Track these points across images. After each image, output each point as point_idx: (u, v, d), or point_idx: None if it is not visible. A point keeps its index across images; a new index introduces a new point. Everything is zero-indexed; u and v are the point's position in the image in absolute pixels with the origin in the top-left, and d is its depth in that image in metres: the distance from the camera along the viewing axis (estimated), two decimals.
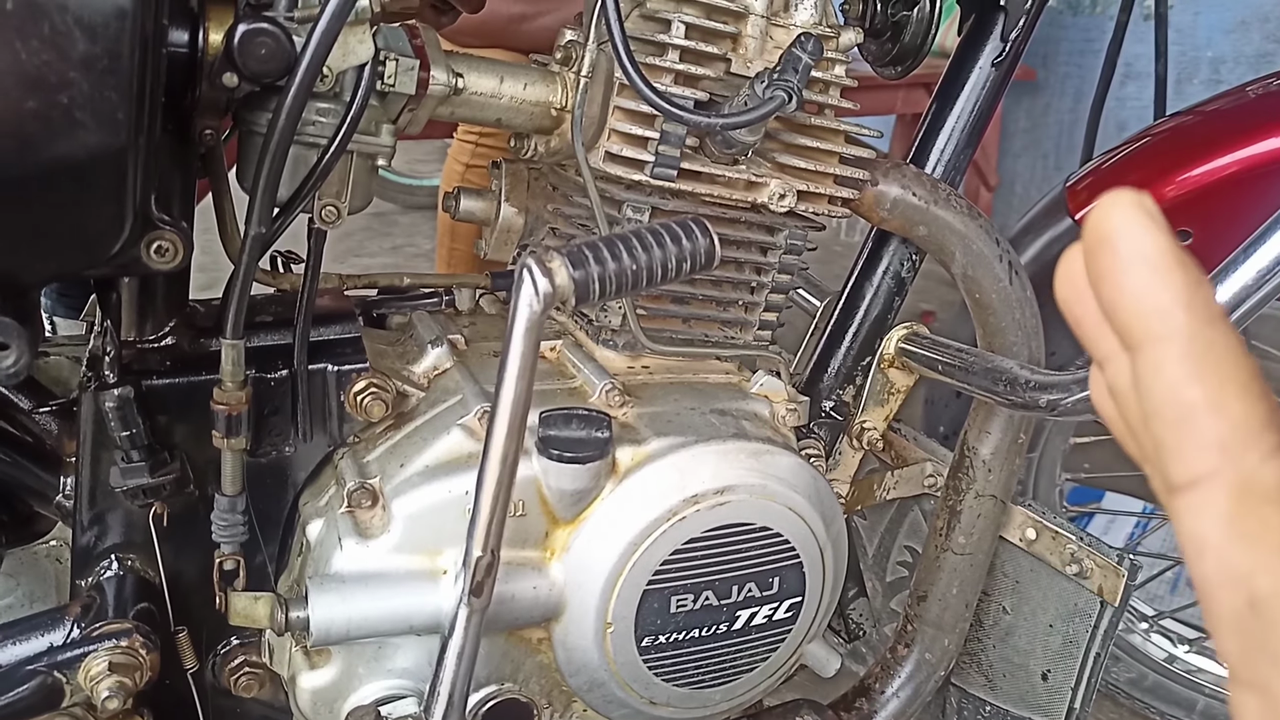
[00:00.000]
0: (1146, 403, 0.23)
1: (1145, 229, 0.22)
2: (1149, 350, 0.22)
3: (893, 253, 0.84)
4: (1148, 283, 0.22)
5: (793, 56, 0.63)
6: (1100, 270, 0.23)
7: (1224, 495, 0.21)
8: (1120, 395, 0.25)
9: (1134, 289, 0.22)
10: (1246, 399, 0.22)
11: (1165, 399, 0.22)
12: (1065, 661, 0.80)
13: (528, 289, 0.52)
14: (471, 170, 1.66)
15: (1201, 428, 0.22)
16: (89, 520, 0.63)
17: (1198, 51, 2.67)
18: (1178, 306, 0.22)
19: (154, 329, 0.64)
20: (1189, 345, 0.22)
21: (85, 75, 0.46)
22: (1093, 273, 0.23)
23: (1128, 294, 0.22)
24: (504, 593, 0.61)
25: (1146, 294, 0.22)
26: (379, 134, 0.61)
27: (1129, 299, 0.22)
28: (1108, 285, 0.23)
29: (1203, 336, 0.22)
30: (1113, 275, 0.23)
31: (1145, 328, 0.22)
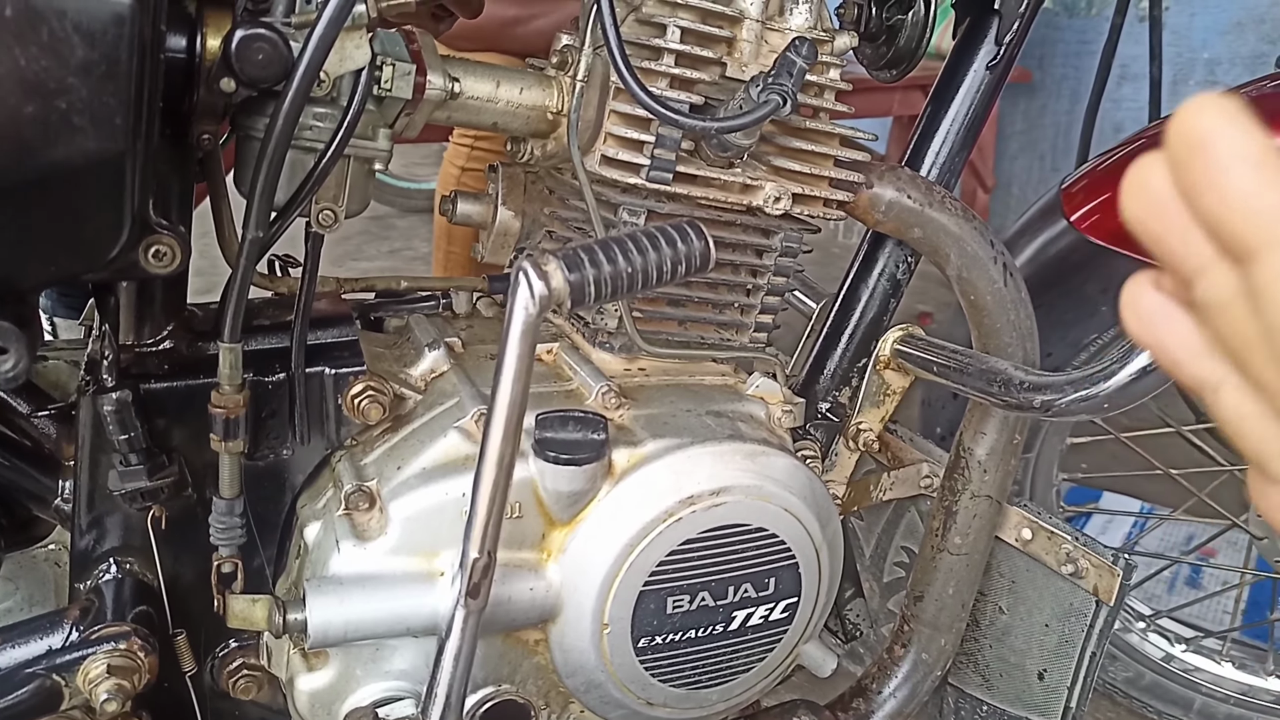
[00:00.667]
0: (1271, 314, 0.20)
1: (1243, 129, 0.21)
2: (1267, 257, 0.20)
3: (888, 255, 0.85)
4: (1258, 184, 0.20)
5: (787, 60, 0.63)
6: (1197, 178, 0.21)
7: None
8: (1218, 309, 0.22)
9: (1243, 192, 0.20)
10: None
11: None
12: (1061, 661, 0.80)
13: (523, 292, 0.53)
14: (467, 174, 1.66)
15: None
16: (87, 524, 0.63)
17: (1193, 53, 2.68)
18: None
19: (152, 333, 0.64)
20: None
21: (83, 81, 0.46)
22: (1187, 182, 0.21)
23: (1237, 198, 0.20)
24: (501, 594, 0.61)
25: (1258, 195, 0.20)
26: (376, 138, 0.62)
27: (1239, 203, 0.20)
28: (1210, 193, 0.21)
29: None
30: (1215, 181, 0.21)
31: (1261, 233, 0.20)
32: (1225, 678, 1.26)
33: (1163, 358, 0.24)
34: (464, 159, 1.67)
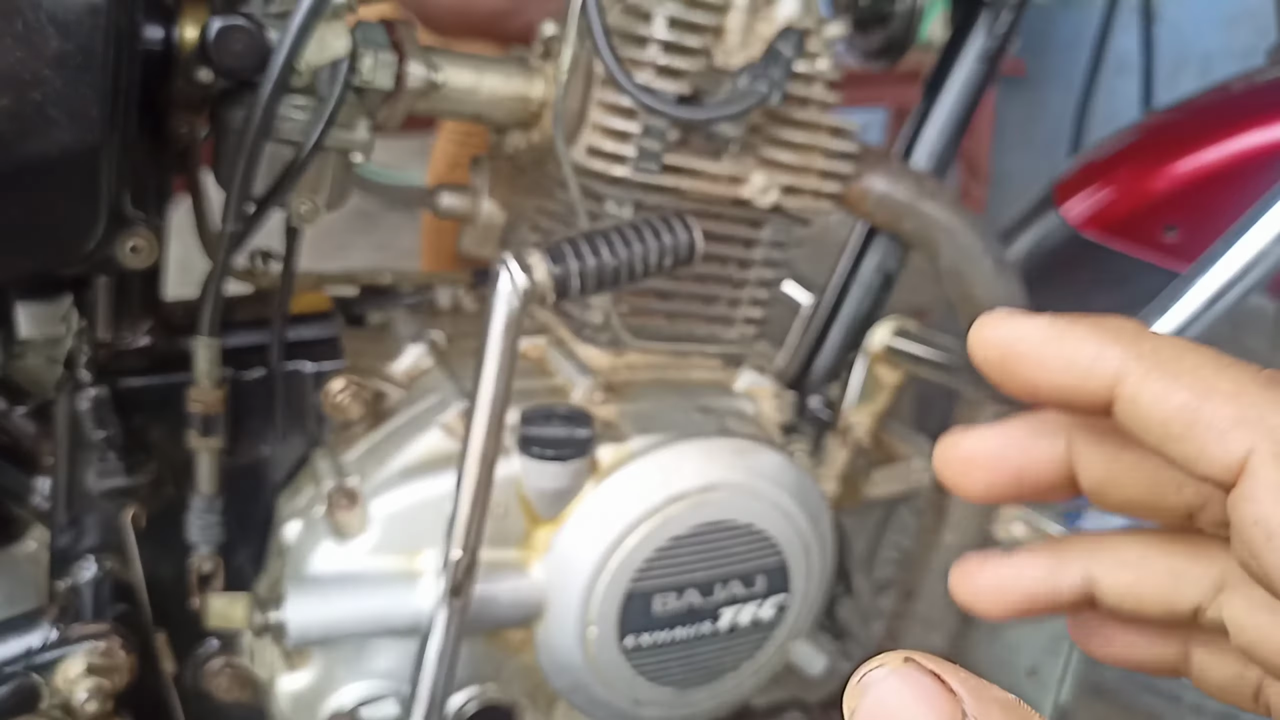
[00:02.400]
0: (1148, 433, 0.22)
1: (1021, 322, 0.23)
2: (1117, 393, 0.22)
3: (879, 248, 0.84)
4: (1067, 348, 0.22)
5: (775, 50, 0.62)
6: (1023, 377, 0.23)
7: (1271, 466, 0.20)
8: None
9: (1063, 362, 0.22)
10: (1228, 372, 0.21)
11: (1162, 416, 0.21)
12: (1052, 657, 0.79)
13: (506, 285, 0.52)
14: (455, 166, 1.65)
15: (1210, 416, 0.20)
16: (66, 522, 0.62)
17: (1187, 46, 2.67)
18: (1106, 345, 0.22)
19: (129, 329, 0.63)
20: (1144, 363, 0.21)
21: (58, 72, 0.45)
22: (1023, 384, 0.23)
23: (1060, 370, 0.22)
24: (484, 593, 0.60)
25: (1075, 357, 0.22)
26: (356, 130, 0.60)
27: (1065, 372, 0.22)
28: (1041, 380, 0.22)
29: (1147, 350, 0.22)
30: (1036, 369, 0.22)
31: (1099, 379, 0.22)
32: None
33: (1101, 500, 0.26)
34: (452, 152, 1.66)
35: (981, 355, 0.23)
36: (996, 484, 0.26)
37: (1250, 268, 0.59)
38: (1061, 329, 0.22)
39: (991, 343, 0.23)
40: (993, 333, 0.23)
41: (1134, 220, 0.95)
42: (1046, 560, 0.26)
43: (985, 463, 0.26)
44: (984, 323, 0.23)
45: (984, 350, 0.23)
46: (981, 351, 0.23)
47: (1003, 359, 0.23)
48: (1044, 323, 0.23)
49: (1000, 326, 0.23)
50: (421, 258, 1.74)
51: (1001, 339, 0.23)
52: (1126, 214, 0.97)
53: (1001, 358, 0.23)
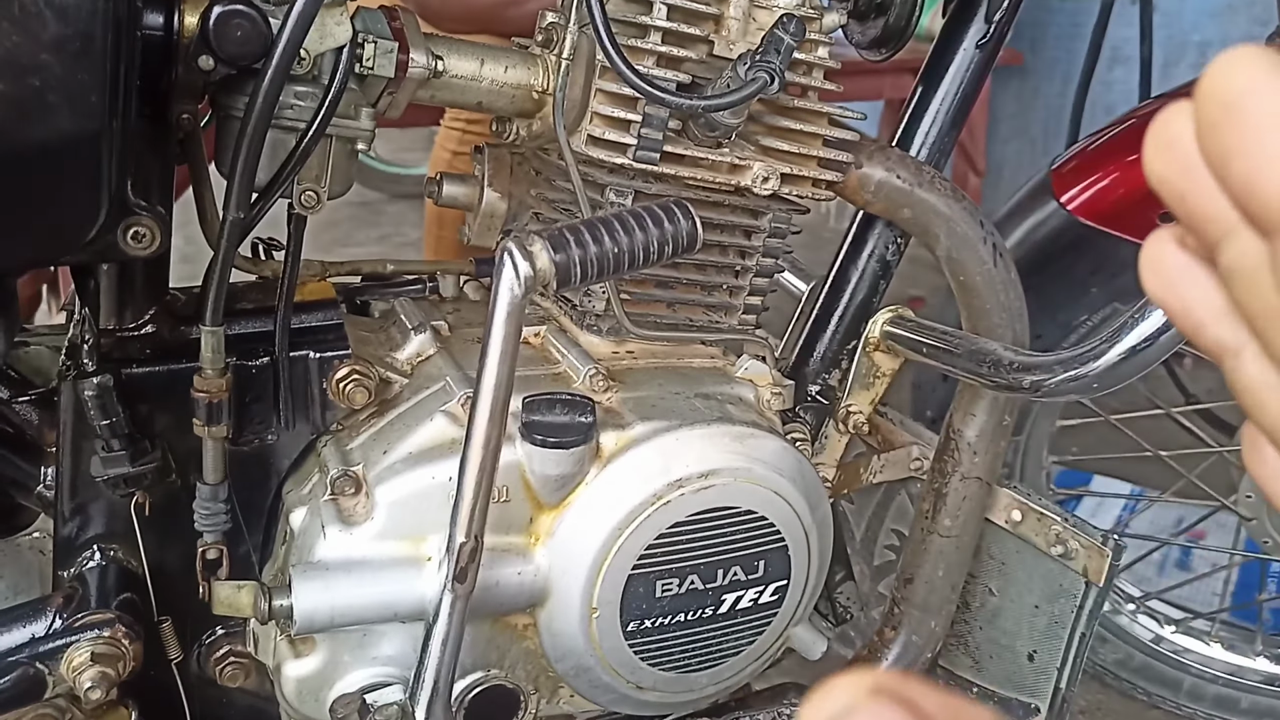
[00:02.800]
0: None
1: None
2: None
3: (878, 236, 0.84)
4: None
5: (775, 38, 0.63)
6: (1227, 142, 0.19)
7: None
8: (1245, 277, 0.20)
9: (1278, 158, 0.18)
10: None
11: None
12: (1051, 642, 0.80)
13: (509, 273, 0.52)
14: (458, 157, 1.65)
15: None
16: (70, 511, 0.62)
17: (1184, 35, 2.67)
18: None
19: (134, 317, 0.63)
20: None
21: (57, 58, 0.45)
22: (1215, 146, 0.19)
23: (1272, 168, 0.18)
24: (488, 579, 0.60)
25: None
26: (358, 117, 0.61)
27: (1274, 173, 0.18)
28: (1241, 158, 0.19)
29: None
30: (1248, 146, 0.19)
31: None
32: (1214, 658, 1.27)
33: (1183, 320, 0.22)
34: (455, 142, 1.66)
35: (1212, 87, 0.19)
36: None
37: None
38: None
39: (1234, 85, 0.19)
40: (1242, 76, 0.19)
41: (1132, 206, 0.96)
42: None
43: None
44: (1241, 57, 0.19)
45: (1219, 84, 0.19)
46: (1215, 83, 0.19)
47: (1228, 108, 0.19)
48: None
49: (1258, 78, 0.19)
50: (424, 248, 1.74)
51: (1246, 89, 0.19)
52: (1124, 200, 0.97)
53: (1228, 106, 0.19)
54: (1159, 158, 0.21)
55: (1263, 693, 1.24)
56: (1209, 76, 0.19)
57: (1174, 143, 0.21)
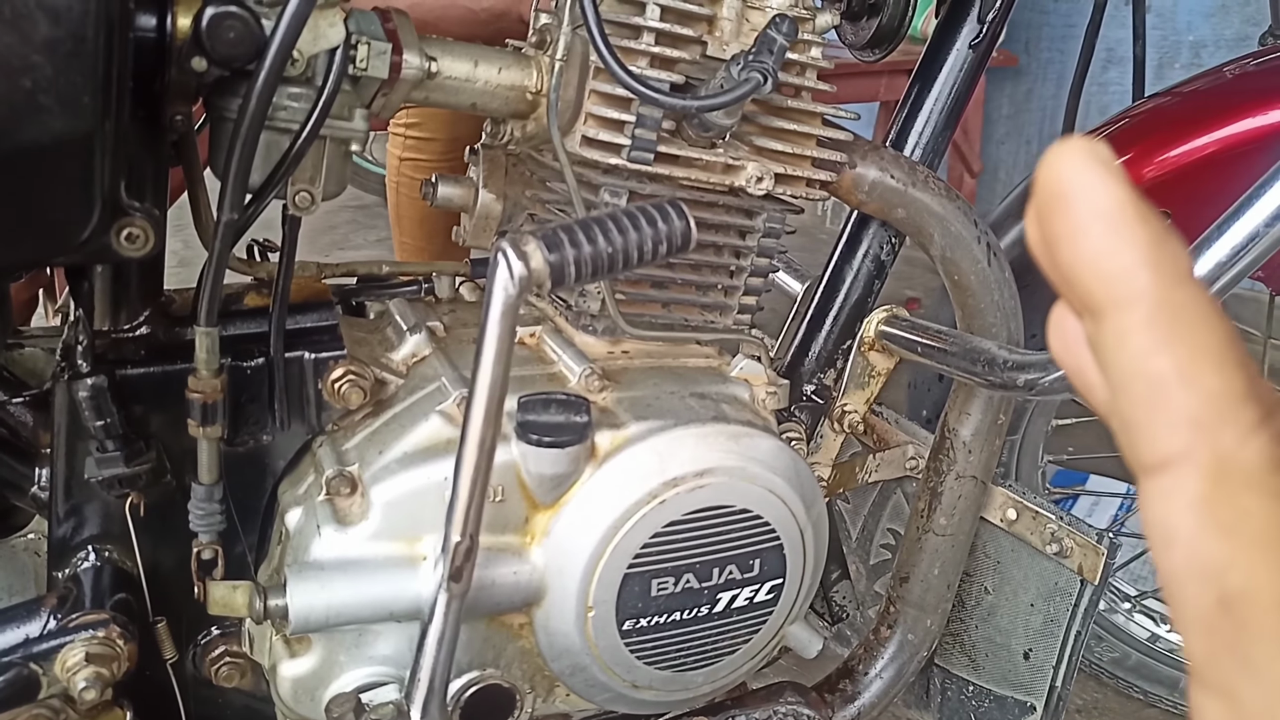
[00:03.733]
0: (1112, 376, 0.20)
1: (1100, 180, 0.20)
2: (1111, 318, 0.20)
3: (872, 236, 0.84)
4: (1106, 242, 0.20)
5: (768, 38, 0.63)
6: (1053, 231, 0.20)
7: (1196, 479, 0.19)
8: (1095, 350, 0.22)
9: (1091, 250, 0.20)
10: (1223, 369, 0.19)
11: (1131, 371, 0.20)
12: (1047, 640, 0.80)
13: (503, 273, 0.52)
14: (405, 163, 1.66)
15: (1171, 402, 0.19)
16: (65, 512, 0.62)
17: (1178, 35, 2.68)
18: (1141, 267, 0.19)
19: (128, 318, 0.63)
20: (1155, 310, 0.19)
21: (48, 59, 0.45)
22: (1046, 233, 0.21)
23: (1086, 256, 0.20)
24: (484, 578, 0.60)
25: (1105, 255, 0.20)
26: (352, 119, 0.61)
27: (1088, 262, 0.20)
28: (1063, 247, 0.20)
29: (1171, 299, 0.19)
30: (1068, 236, 0.20)
31: (1107, 293, 0.20)
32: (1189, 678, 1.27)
33: (1076, 380, 0.23)
34: (400, 148, 1.67)
35: (1043, 177, 0.20)
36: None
37: (1242, 253, 0.59)
38: (1128, 217, 0.20)
39: (1060, 176, 0.20)
40: (1067, 168, 0.20)
41: None
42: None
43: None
44: (1068, 150, 0.20)
45: (1048, 175, 0.20)
46: (1045, 174, 0.20)
47: (1055, 198, 0.20)
48: (1119, 195, 0.20)
49: (1079, 170, 0.20)
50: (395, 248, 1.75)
51: (1069, 181, 0.20)
52: None
53: (1055, 197, 0.20)
54: (1032, 231, 0.22)
55: None
56: (1042, 166, 0.20)
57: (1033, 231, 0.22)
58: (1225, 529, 0.19)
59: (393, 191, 1.71)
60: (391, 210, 1.74)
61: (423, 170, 1.65)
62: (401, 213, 1.70)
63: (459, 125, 1.60)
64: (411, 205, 1.65)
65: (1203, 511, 0.19)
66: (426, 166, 1.64)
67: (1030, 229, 0.22)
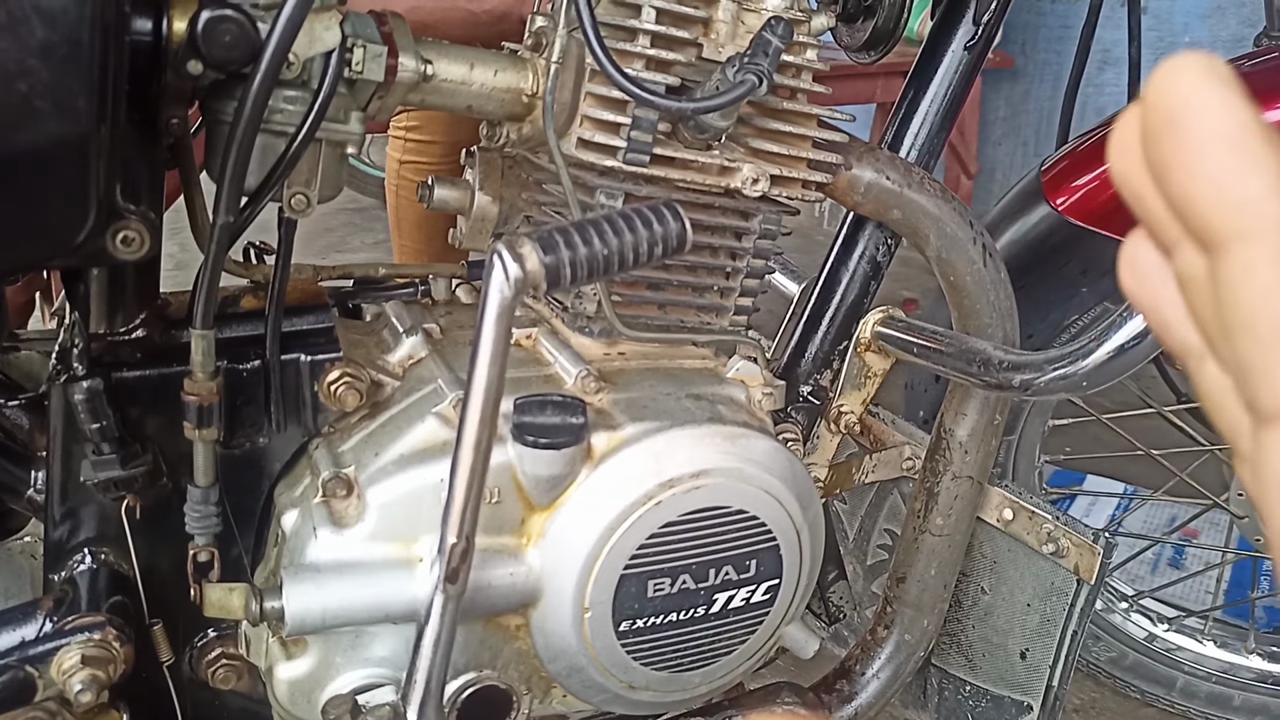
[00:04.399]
0: (1231, 313, 0.18)
1: (1223, 100, 0.18)
2: (1236, 251, 0.18)
3: (868, 237, 0.85)
4: (1232, 168, 0.18)
5: (763, 40, 0.63)
6: (1167, 155, 0.19)
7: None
8: (1192, 285, 0.20)
9: (1214, 176, 0.18)
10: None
11: (1257, 309, 0.18)
12: (1043, 640, 0.80)
13: (498, 275, 0.52)
14: (406, 166, 1.66)
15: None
16: (61, 514, 0.62)
17: (1175, 37, 2.69)
18: (1271, 195, 0.18)
19: (124, 321, 0.63)
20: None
21: (44, 62, 0.45)
22: (1156, 158, 0.19)
23: (1207, 183, 0.18)
24: (480, 579, 0.60)
25: (1231, 182, 0.18)
26: (348, 121, 0.61)
27: (1209, 189, 0.18)
28: (1179, 173, 0.19)
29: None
30: (1185, 160, 0.18)
31: (1231, 223, 0.18)
32: (1207, 656, 1.27)
33: (1153, 319, 0.22)
34: (400, 150, 1.67)
35: (1156, 96, 0.19)
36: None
37: None
38: (1255, 140, 0.18)
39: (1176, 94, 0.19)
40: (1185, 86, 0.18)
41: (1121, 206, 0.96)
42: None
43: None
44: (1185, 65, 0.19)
45: (1162, 92, 0.19)
46: (1159, 91, 0.19)
47: (1170, 118, 0.19)
48: (1244, 116, 0.18)
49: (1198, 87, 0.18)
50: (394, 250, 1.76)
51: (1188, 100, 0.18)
52: (1114, 200, 0.97)
53: (1171, 116, 0.19)
54: (1119, 159, 0.21)
55: (1255, 690, 1.24)
56: (1153, 86, 0.19)
57: (1132, 146, 0.20)
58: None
59: (392, 194, 1.71)
60: (391, 213, 1.74)
61: (422, 173, 1.65)
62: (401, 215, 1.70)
63: (460, 128, 1.60)
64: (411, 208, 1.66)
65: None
66: (426, 169, 1.65)
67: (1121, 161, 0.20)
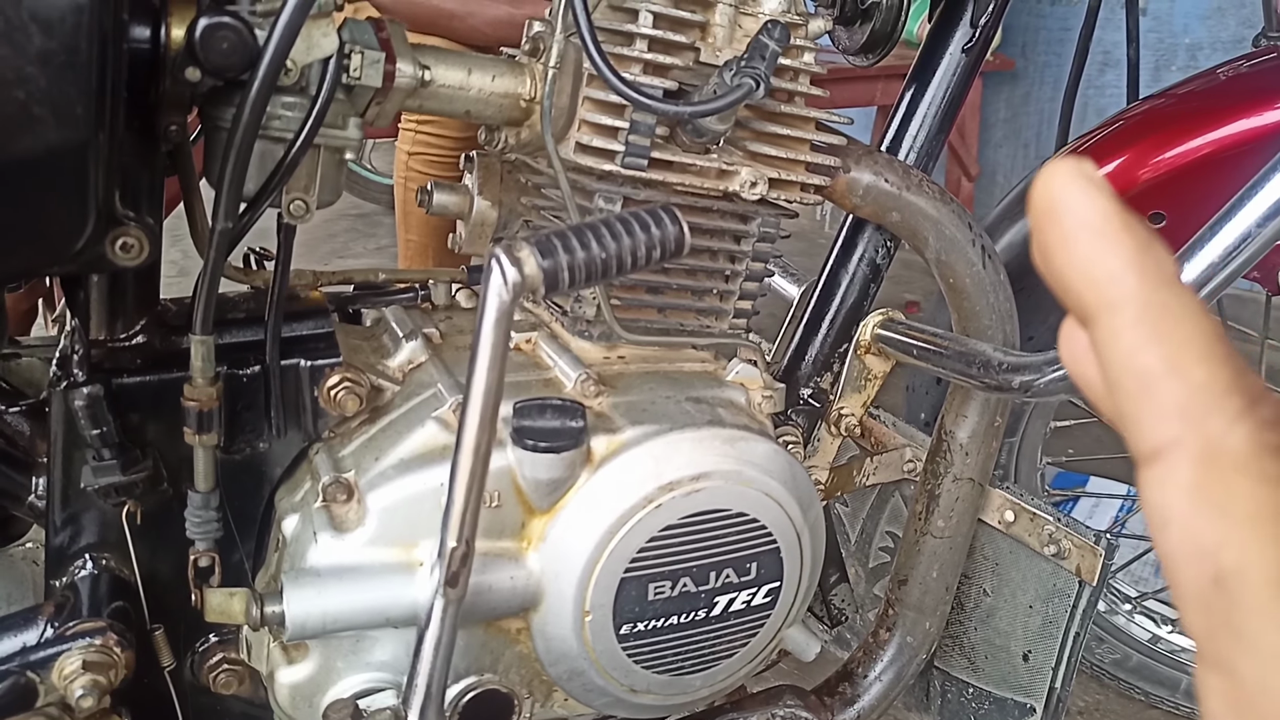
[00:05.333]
0: (1106, 374, 0.22)
1: (1086, 194, 0.22)
2: (1102, 320, 0.21)
3: (867, 240, 0.85)
4: (1094, 250, 0.21)
5: (760, 44, 0.63)
6: (1046, 243, 0.22)
7: (1188, 464, 0.20)
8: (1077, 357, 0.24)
9: (1080, 258, 0.21)
10: (1208, 361, 0.20)
11: (1122, 368, 0.21)
12: (1046, 642, 0.80)
13: (496, 279, 0.52)
14: (414, 158, 1.67)
15: (1161, 395, 0.20)
16: (62, 520, 0.63)
17: (1175, 38, 2.69)
18: (1128, 271, 0.21)
19: (125, 327, 0.63)
20: (1142, 310, 0.21)
21: (42, 70, 0.45)
22: (1040, 246, 0.22)
23: (1075, 264, 0.21)
24: (481, 583, 0.61)
25: (1093, 262, 0.21)
26: (346, 127, 0.61)
27: (1076, 269, 0.21)
28: (1055, 258, 0.22)
29: (1156, 299, 0.21)
30: (1058, 246, 0.22)
31: (1095, 297, 0.21)
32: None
33: (1086, 391, 0.25)
34: (410, 143, 1.68)
35: (1035, 194, 0.22)
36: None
37: (1235, 253, 0.60)
38: (1113, 226, 0.21)
39: (1050, 192, 0.22)
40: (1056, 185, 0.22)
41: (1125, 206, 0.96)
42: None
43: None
44: (1057, 168, 0.22)
45: (1039, 192, 0.22)
46: (1037, 191, 0.22)
47: (1046, 212, 0.22)
48: (1104, 206, 0.21)
49: (1066, 186, 0.22)
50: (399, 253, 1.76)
51: (1058, 197, 0.22)
52: None
53: (1046, 211, 0.22)
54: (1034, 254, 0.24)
55: None
56: (1035, 183, 0.22)
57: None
58: (1217, 509, 0.20)
59: (400, 187, 1.72)
60: (399, 206, 1.75)
61: (432, 166, 1.66)
62: (409, 209, 1.71)
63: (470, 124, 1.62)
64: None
65: (1195, 495, 0.20)
66: (436, 162, 1.65)
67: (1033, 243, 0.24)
